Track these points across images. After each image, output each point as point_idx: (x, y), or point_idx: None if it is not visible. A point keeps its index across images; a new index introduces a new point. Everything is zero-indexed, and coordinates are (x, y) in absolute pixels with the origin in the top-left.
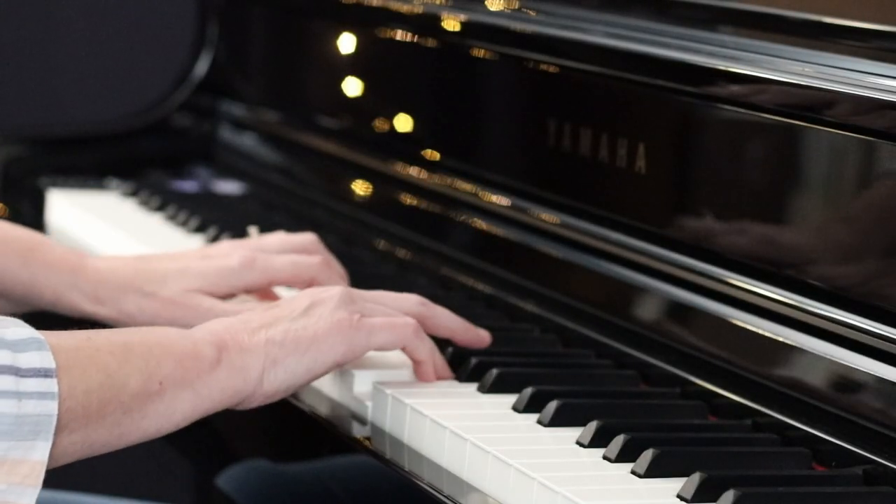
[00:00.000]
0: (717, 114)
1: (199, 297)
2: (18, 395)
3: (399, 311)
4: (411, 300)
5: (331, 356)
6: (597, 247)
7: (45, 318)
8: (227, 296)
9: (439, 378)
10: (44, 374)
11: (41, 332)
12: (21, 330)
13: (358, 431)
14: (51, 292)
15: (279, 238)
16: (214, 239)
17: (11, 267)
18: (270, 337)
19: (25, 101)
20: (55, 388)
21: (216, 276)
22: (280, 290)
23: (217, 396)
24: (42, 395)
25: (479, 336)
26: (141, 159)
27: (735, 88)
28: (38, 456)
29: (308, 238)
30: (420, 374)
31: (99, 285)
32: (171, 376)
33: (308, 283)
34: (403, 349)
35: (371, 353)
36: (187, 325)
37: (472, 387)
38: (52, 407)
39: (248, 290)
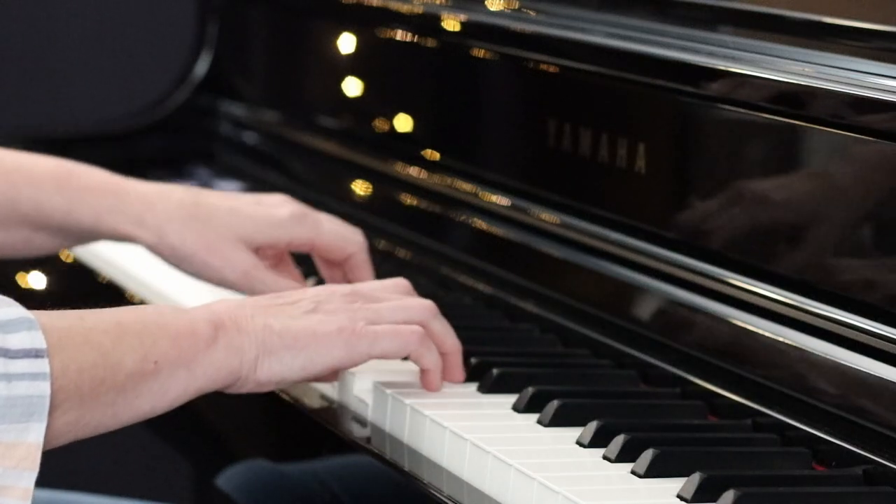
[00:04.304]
0: (717, 114)
1: (239, 251)
2: (8, 377)
3: (406, 320)
4: (417, 308)
5: (328, 359)
6: (597, 247)
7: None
8: (269, 246)
9: (452, 380)
10: (34, 354)
11: (33, 312)
12: (11, 310)
13: (358, 431)
14: (91, 215)
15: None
16: None
17: (47, 195)
18: (269, 325)
19: (26, 102)
20: (47, 369)
21: (264, 223)
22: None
23: (212, 375)
24: (34, 377)
25: (458, 371)
26: (141, 159)
27: (735, 88)
28: (34, 438)
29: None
30: (425, 382)
31: (144, 208)
32: (167, 355)
33: (348, 259)
34: (409, 357)
35: None
36: (219, 274)
37: (472, 387)
38: (45, 388)
39: (291, 246)
